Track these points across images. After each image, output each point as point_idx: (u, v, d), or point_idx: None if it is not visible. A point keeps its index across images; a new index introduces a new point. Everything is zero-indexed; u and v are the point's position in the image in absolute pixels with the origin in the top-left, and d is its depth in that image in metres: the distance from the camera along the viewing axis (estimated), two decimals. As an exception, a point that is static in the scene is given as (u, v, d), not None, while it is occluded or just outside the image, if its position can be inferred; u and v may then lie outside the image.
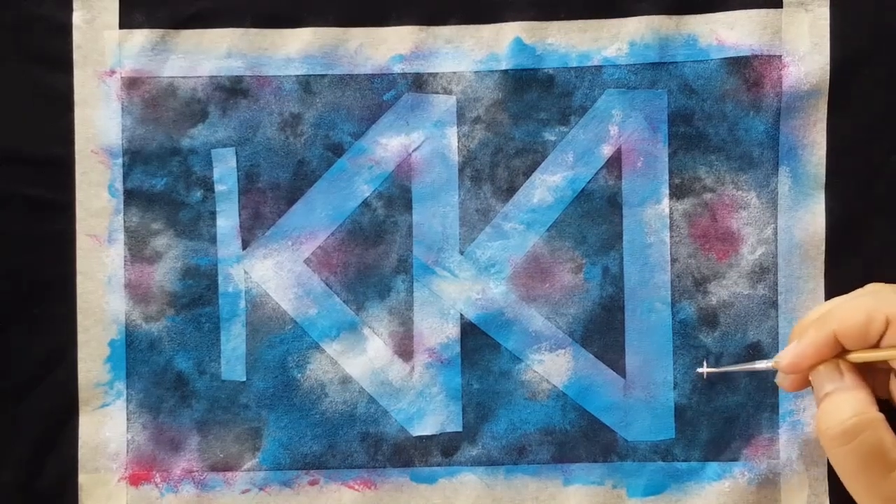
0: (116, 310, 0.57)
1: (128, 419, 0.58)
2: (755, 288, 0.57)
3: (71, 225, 0.57)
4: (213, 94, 0.58)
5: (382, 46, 0.58)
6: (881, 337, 0.42)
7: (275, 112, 0.58)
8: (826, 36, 0.57)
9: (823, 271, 0.57)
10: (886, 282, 0.57)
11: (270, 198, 0.58)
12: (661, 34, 0.57)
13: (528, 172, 0.58)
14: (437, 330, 0.57)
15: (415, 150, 0.58)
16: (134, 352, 0.58)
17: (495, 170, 0.58)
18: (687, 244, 0.57)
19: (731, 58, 0.57)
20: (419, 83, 0.58)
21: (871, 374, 0.44)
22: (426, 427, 0.57)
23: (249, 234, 0.58)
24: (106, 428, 0.57)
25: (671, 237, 0.57)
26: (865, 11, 0.57)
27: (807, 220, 0.57)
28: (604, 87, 0.57)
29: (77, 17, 0.58)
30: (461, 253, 0.58)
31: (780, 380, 0.46)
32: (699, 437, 0.57)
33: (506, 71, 0.57)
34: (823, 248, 0.57)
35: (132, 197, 0.58)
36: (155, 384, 0.58)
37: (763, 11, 0.57)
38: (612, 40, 0.57)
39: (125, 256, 0.58)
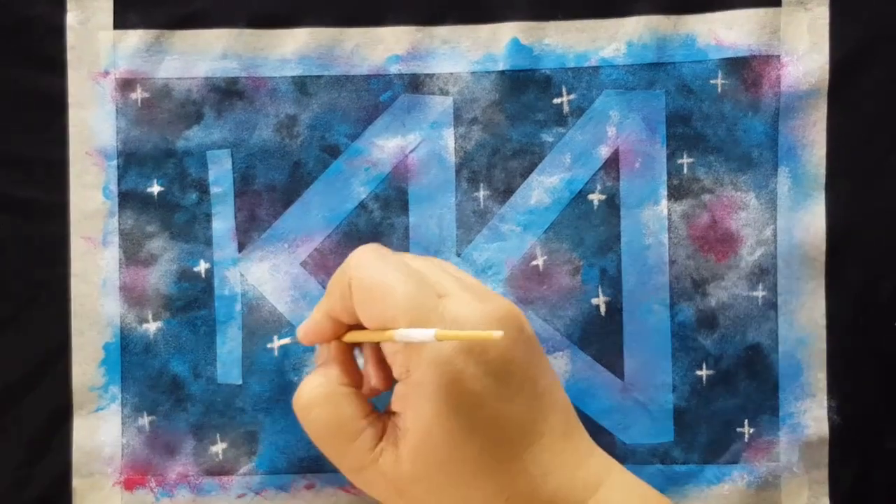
0: (111, 313, 0.57)
1: (122, 423, 0.57)
2: (754, 289, 0.57)
3: (65, 227, 0.57)
4: (208, 96, 0.57)
5: (379, 47, 0.57)
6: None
7: (270, 113, 0.57)
8: (825, 35, 0.56)
9: (824, 272, 0.56)
10: (892, 285, 0.56)
11: (266, 200, 0.57)
12: (659, 34, 0.57)
13: (526, 174, 0.57)
14: (434, 332, 0.57)
15: (411, 151, 0.57)
16: (129, 355, 0.57)
17: (492, 171, 0.57)
18: (685, 245, 0.57)
19: (729, 58, 0.57)
20: (416, 84, 0.57)
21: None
22: (423, 430, 0.57)
23: (245, 236, 0.58)
24: (100, 432, 0.57)
25: (669, 239, 0.57)
26: (865, 10, 0.56)
27: (807, 220, 0.57)
28: (601, 87, 0.57)
29: (71, 18, 0.57)
30: (458, 255, 0.57)
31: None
32: (698, 440, 0.57)
33: (503, 72, 0.57)
34: (824, 248, 0.56)
35: (127, 199, 0.57)
36: (150, 388, 0.57)
37: (762, 10, 0.56)
38: (610, 40, 0.57)
39: (120, 259, 0.57)
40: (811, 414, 0.56)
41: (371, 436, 0.41)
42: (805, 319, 0.57)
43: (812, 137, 0.57)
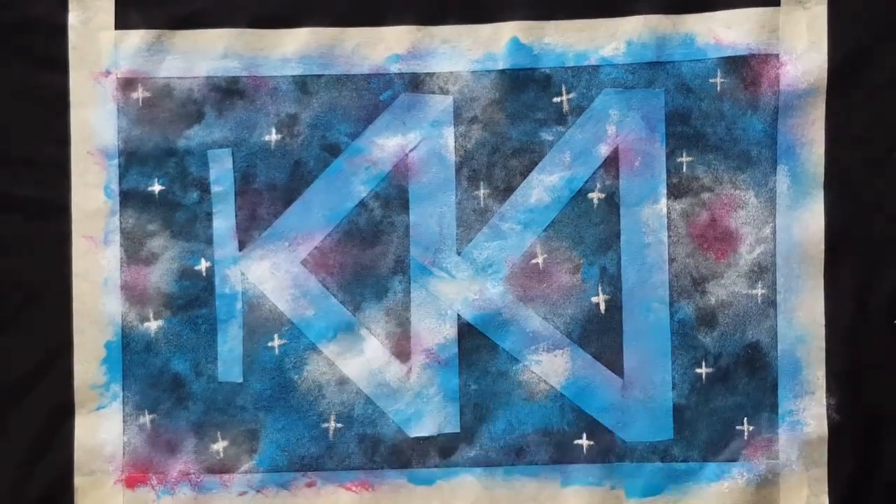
0: (112, 311, 0.57)
1: (124, 421, 0.57)
2: (754, 287, 0.57)
3: (67, 226, 0.57)
4: (209, 95, 0.58)
5: (379, 46, 0.58)
6: None
7: (271, 113, 0.58)
8: (824, 34, 0.57)
9: (823, 270, 0.57)
10: (890, 282, 0.57)
11: (267, 199, 0.58)
12: (659, 33, 0.57)
13: (526, 172, 0.57)
14: (434, 331, 0.57)
15: (412, 150, 0.58)
16: (130, 354, 0.57)
17: (492, 170, 0.57)
18: (685, 244, 0.57)
19: (728, 57, 0.57)
20: (416, 83, 0.57)
21: None
22: (424, 428, 0.57)
23: (246, 235, 0.58)
24: (102, 430, 0.57)
25: (669, 237, 0.57)
26: (863, 9, 0.57)
27: (806, 218, 0.57)
28: (601, 86, 0.57)
29: (73, 18, 0.57)
30: (458, 253, 0.58)
31: None
32: (698, 438, 0.57)
33: (503, 70, 0.57)
34: (822, 246, 0.57)
35: (128, 198, 0.58)
36: (151, 386, 0.57)
37: (761, 10, 0.57)
38: (610, 39, 0.57)
39: (121, 258, 0.57)
40: (810, 412, 0.56)
41: None
42: (804, 317, 0.57)
43: (811, 136, 0.57)
